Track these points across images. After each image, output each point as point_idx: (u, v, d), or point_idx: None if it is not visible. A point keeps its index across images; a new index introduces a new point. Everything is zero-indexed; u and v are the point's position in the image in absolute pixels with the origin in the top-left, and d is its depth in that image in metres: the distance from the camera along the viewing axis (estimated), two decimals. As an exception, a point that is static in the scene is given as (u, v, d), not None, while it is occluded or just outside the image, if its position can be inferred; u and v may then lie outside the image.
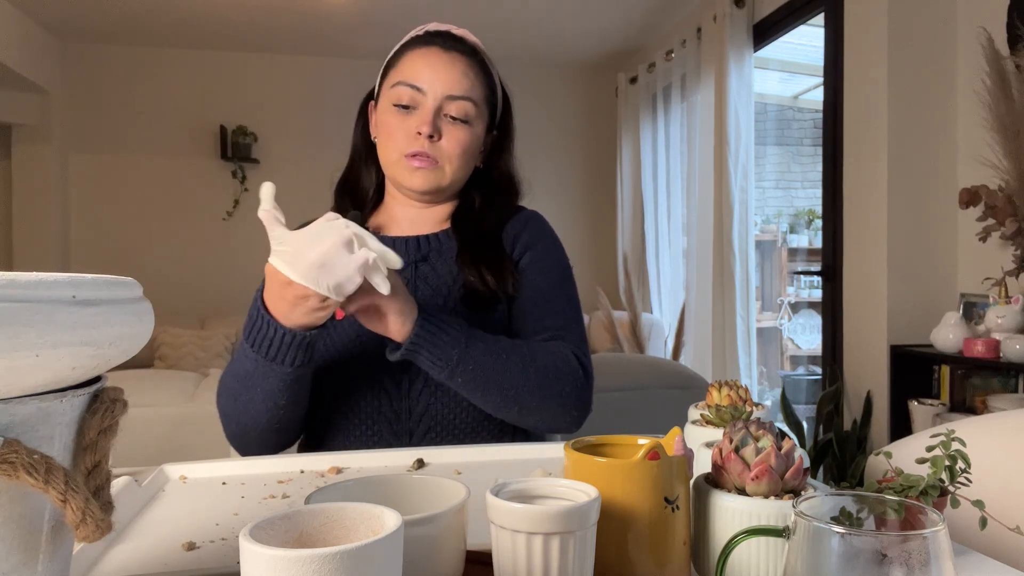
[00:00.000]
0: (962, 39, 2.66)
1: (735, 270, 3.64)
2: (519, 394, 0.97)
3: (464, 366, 0.93)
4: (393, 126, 1.08)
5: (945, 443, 0.63)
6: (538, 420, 1.01)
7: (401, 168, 1.09)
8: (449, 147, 1.08)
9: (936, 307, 2.68)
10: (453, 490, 0.56)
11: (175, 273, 4.95)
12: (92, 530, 0.39)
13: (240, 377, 0.94)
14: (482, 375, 0.95)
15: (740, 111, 3.61)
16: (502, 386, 0.96)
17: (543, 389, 0.98)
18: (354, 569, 0.37)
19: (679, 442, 0.55)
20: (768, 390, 5.12)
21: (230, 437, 1.01)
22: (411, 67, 1.09)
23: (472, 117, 1.10)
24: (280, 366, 0.90)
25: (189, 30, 4.66)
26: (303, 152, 5.07)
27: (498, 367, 0.95)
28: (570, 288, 1.14)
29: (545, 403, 0.99)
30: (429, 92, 1.07)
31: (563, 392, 1.00)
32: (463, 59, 1.10)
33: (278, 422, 0.97)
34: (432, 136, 1.06)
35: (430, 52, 1.09)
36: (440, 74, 1.07)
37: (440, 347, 0.92)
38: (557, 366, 1.00)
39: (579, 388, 1.02)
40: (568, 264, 1.17)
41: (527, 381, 0.97)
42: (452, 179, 1.11)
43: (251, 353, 0.90)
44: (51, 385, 0.39)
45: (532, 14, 4.40)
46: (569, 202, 5.55)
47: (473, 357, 0.94)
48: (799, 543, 0.43)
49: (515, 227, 1.16)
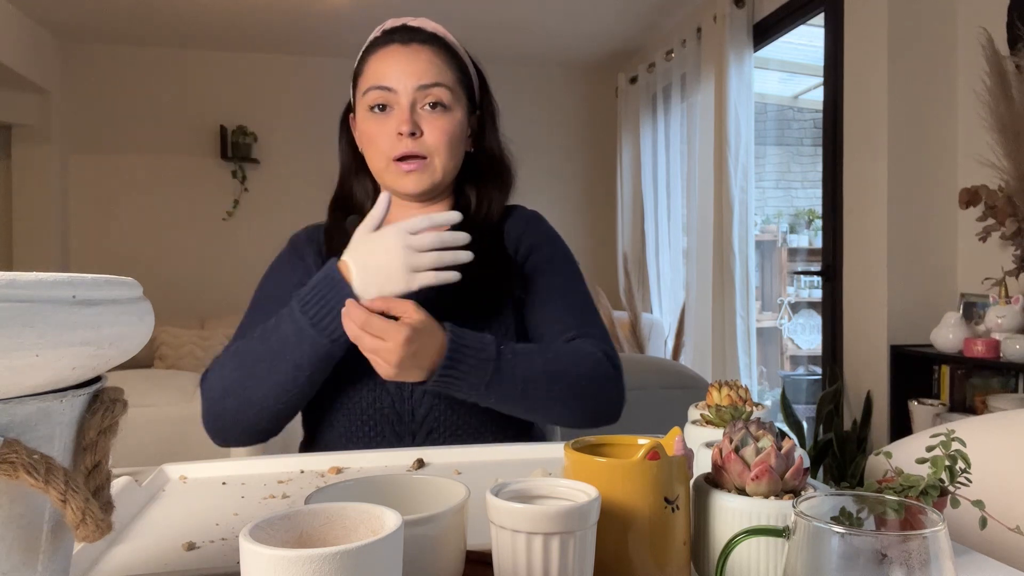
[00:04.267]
0: (962, 39, 2.66)
1: (735, 270, 3.64)
2: (554, 407, 0.99)
3: (492, 395, 0.95)
4: (374, 132, 1.08)
5: (945, 443, 0.63)
6: (580, 422, 1.03)
7: (391, 173, 1.08)
8: (433, 139, 1.07)
9: (936, 307, 2.68)
10: (453, 490, 0.56)
11: (175, 273, 4.95)
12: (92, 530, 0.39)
13: (266, 349, 0.95)
14: (512, 398, 0.97)
15: (740, 111, 3.61)
16: (535, 405, 0.98)
17: (579, 398, 1.00)
18: (354, 569, 0.37)
19: (679, 442, 0.55)
20: (768, 390, 5.12)
21: (216, 417, 0.99)
22: (376, 70, 1.08)
23: (449, 102, 1.08)
24: (322, 335, 0.92)
25: (189, 30, 4.66)
26: (303, 152, 5.07)
27: (528, 389, 0.97)
28: (583, 283, 1.15)
29: (583, 407, 1.01)
30: (400, 88, 1.06)
31: (599, 393, 1.01)
32: (425, 48, 1.08)
33: (283, 404, 0.97)
34: (414, 133, 1.05)
35: (390, 51, 1.08)
36: (405, 68, 1.06)
37: (465, 386, 0.94)
38: (591, 371, 1.01)
39: (613, 385, 1.03)
40: (575, 260, 1.18)
41: (562, 392, 0.99)
42: (444, 172, 1.09)
43: (298, 318, 0.93)
44: (51, 385, 0.39)
45: (532, 14, 4.40)
46: (569, 202, 5.55)
47: (500, 388, 0.95)
48: (799, 543, 0.43)
49: (516, 227, 1.15)
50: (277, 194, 5.11)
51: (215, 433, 1.01)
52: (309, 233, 1.19)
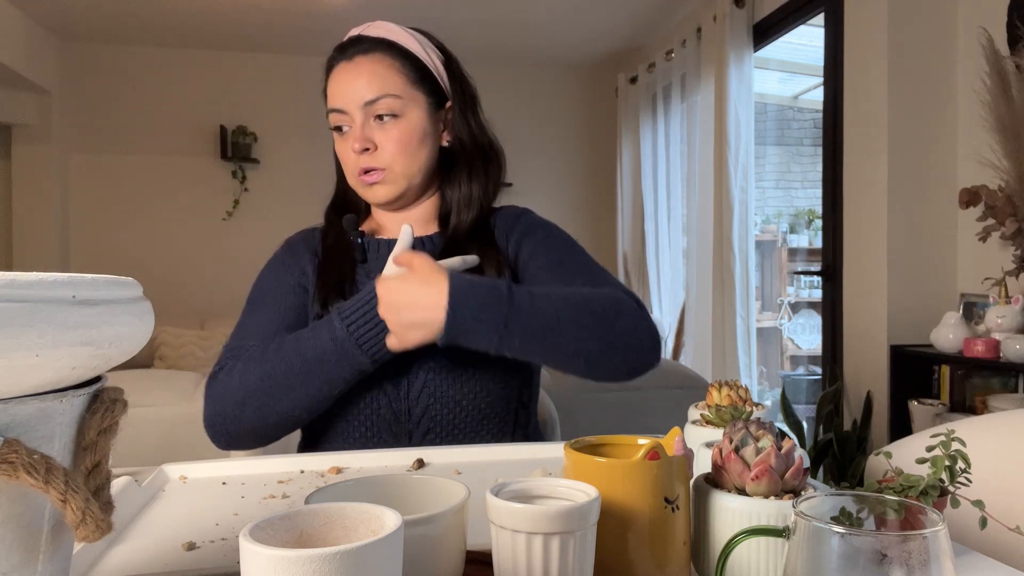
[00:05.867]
0: (962, 39, 2.66)
1: (735, 270, 3.64)
2: (585, 340, 0.92)
3: (508, 344, 0.89)
4: (340, 151, 1.12)
5: (945, 443, 0.63)
6: (615, 362, 0.95)
7: (361, 188, 1.11)
8: (386, 151, 1.08)
9: (936, 307, 2.68)
10: (453, 490, 0.56)
11: (175, 273, 4.95)
12: (92, 530, 0.39)
13: (301, 362, 0.95)
14: (532, 344, 0.90)
15: (740, 111, 3.61)
16: (562, 339, 0.91)
17: (609, 329, 0.93)
18: (354, 569, 0.37)
19: (679, 442, 0.55)
20: (768, 390, 5.12)
21: (229, 422, 0.97)
22: (332, 92, 1.10)
23: (400, 109, 1.07)
24: (365, 355, 0.94)
25: (189, 30, 4.66)
26: (303, 152, 5.07)
27: (549, 333, 0.90)
28: (585, 253, 1.12)
29: (612, 347, 0.94)
30: (348, 108, 1.08)
31: (626, 329, 0.95)
32: (367, 59, 1.08)
33: (308, 415, 0.99)
34: (367, 148, 1.07)
35: (338, 70, 1.10)
36: (348, 87, 1.08)
37: (476, 337, 0.88)
38: (615, 304, 0.96)
39: (640, 318, 0.97)
40: (571, 238, 1.15)
41: (588, 322, 0.92)
42: (406, 176, 1.09)
43: (340, 336, 0.93)
44: (51, 385, 0.39)
45: (532, 14, 4.40)
46: (569, 202, 5.55)
47: (516, 335, 0.89)
48: (799, 543, 0.43)
49: (505, 224, 1.15)
50: (277, 194, 5.11)
51: (223, 437, 0.99)
52: (304, 236, 1.19)
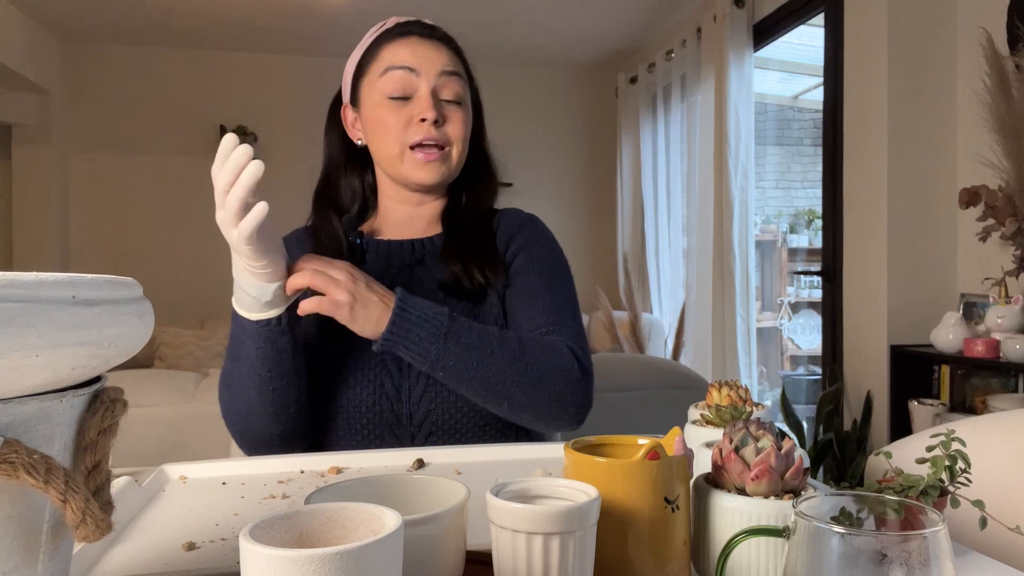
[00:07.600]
0: (962, 39, 2.66)
1: (735, 270, 3.64)
2: (507, 388, 0.94)
3: (444, 360, 0.92)
4: (388, 120, 1.05)
5: (945, 443, 0.63)
6: (533, 416, 0.98)
7: (407, 163, 1.06)
8: (454, 131, 1.07)
9: (936, 307, 2.68)
10: (453, 490, 0.56)
11: (175, 273, 4.95)
12: (92, 530, 0.39)
13: (232, 355, 0.95)
14: (465, 369, 0.93)
15: (740, 111, 3.61)
16: (488, 380, 0.94)
17: (534, 383, 0.95)
18: (354, 569, 0.37)
19: (679, 442, 0.55)
20: (768, 390, 5.12)
21: (235, 433, 1.00)
22: (397, 53, 1.06)
23: (463, 98, 1.09)
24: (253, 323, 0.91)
25: (189, 30, 4.66)
26: (303, 152, 5.06)
27: (483, 361, 0.93)
28: (567, 287, 1.11)
29: (537, 398, 0.96)
30: (423, 72, 1.05)
31: (556, 387, 0.96)
32: (443, 44, 1.09)
33: (271, 401, 0.96)
34: (438, 121, 1.04)
35: (411, 40, 1.07)
36: (428, 54, 1.06)
37: (416, 342, 0.91)
38: (550, 360, 0.97)
39: (574, 382, 0.98)
40: (566, 264, 1.15)
41: (516, 375, 0.94)
42: (457, 165, 1.10)
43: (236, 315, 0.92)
44: (51, 385, 0.39)
45: (532, 14, 4.40)
46: (569, 202, 5.55)
47: (453, 351, 0.92)
48: (799, 543, 0.43)
49: (510, 227, 1.14)
50: (277, 194, 5.10)
51: (244, 445, 1.01)
52: (297, 235, 1.19)
